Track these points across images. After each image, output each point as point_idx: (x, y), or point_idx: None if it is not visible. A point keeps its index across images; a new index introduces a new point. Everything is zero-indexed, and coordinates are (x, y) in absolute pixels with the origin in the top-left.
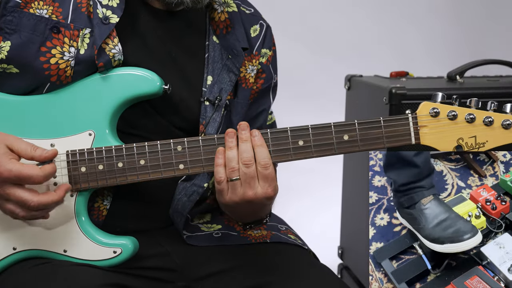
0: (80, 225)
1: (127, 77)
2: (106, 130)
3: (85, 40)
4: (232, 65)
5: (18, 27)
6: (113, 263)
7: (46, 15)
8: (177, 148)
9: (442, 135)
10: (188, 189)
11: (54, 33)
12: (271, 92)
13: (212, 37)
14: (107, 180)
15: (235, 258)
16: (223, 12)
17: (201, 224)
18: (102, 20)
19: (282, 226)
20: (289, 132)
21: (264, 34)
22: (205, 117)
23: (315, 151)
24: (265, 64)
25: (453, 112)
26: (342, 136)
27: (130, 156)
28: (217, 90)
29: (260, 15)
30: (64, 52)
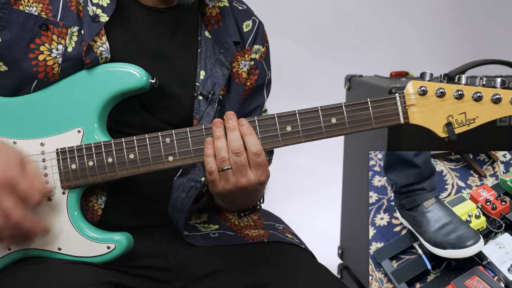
0: (73, 222)
1: (113, 73)
2: (95, 126)
3: (73, 38)
4: (225, 59)
5: (8, 24)
6: (107, 259)
7: (36, 12)
8: (165, 140)
9: (431, 113)
10: (185, 185)
11: (43, 30)
12: (265, 89)
13: (204, 32)
14: (98, 176)
15: (232, 258)
16: (214, 7)
17: (198, 224)
18: (92, 18)
19: (280, 225)
20: (276, 118)
21: (256, 30)
22: (199, 111)
23: (303, 136)
24: (258, 60)
25: (441, 89)
26: (330, 119)
27: (119, 151)
28: (210, 84)
29: (253, 12)
30: (52, 49)
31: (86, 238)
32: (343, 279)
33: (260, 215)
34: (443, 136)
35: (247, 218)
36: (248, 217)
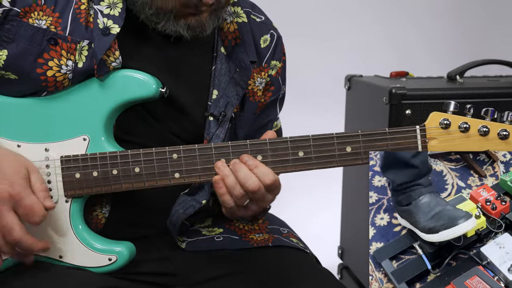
0: (75, 231)
1: (122, 80)
2: (101, 135)
3: (83, 53)
4: (240, 78)
5: (15, 37)
6: (108, 270)
7: (45, 26)
8: (172, 156)
9: (452, 149)
10: (187, 203)
11: (52, 44)
12: (278, 103)
13: (220, 48)
14: (102, 188)
15: (236, 263)
16: (232, 23)
17: (202, 228)
18: (102, 31)
19: (284, 229)
20: (289, 142)
21: (275, 45)
22: (209, 132)
23: (315, 163)
24: (274, 76)
25: (465, 124)
26: (345, 148)
27: (124, 163)
28: (222, 104)
29: (271, 24)
30: (61, 65)
31: (87, 248)
32: (343, 279)
33: (264, 219)
34: None
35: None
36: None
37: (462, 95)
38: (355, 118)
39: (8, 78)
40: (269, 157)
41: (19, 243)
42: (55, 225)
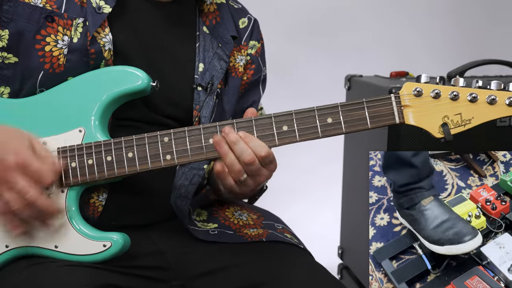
0: (70, 220)
1: (115, 75)
2: (96, 126)
3: (78, 29)
4: (223, 53)
5: (14, 16)
6: (103, 257)
7: (41, 4)
8: (164, 139)
9: (426, 113)
10: (188, 173)
11: (49, 21)
12: (261, 85)
13: (202, 28)
14: (97, 174)
15: (230, 257)
16: (212, 4)
17: (197, 221)
18: (96, 9)
19: (279, 225)
20: (273, 118)
21: (252, 26)
22: (199, 101)
23: (299, 135)
24: (254, 55)
25: (436, 90)
26: (326, 119)
27: (118, 149)
28: (208, 76)
29: (247, 11)
30: (58, 40)
31: (82, 236)
32: (343, 279)
33: (259, 214)
34: (439, 137)
35: (247, 217)
36: (248, 216)
37: None
38: None
39: (8, 63)
40: (255, 133)
41: (36, 204)
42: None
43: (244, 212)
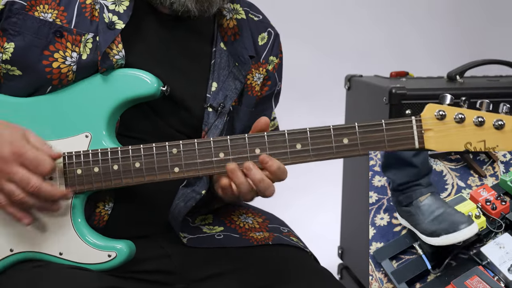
0: (75, 228)
1: (124, 79)
2: (103, 132)
3: (87, 45)
4: (239, 72)
5: (22, 30)
6: (107, 267)
7: (51, 19)
8: (172, 151)
9: (448, 139)
10: (187, 195)
11: (57, 37)
12: (274, 99)
13: (220, 44)
14: (102, 183)
15: (235, 261)
16: (232, 19)
17: (203, 225)
18: (108, 25)
19: (285, 229)
20: (286, 135)
21: (272, 42)
22: (207, 123)
23: (313, 155)
24: (271, 71)
25: (461, 114)
26: (342, 139)
27: (125, 158)
28: (221, 97)
29: (269, 22)
30: (66, 57)
31: (87, 244)
32: (343, 279)
33: (265, 218)
34: None
35: (252, 221)
36: (253, 219)
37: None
38: (355, 118)
39: (12, 74)
40: (267, 150)
41: (40, 190)
42: (55, 221)
43: (249, 215)
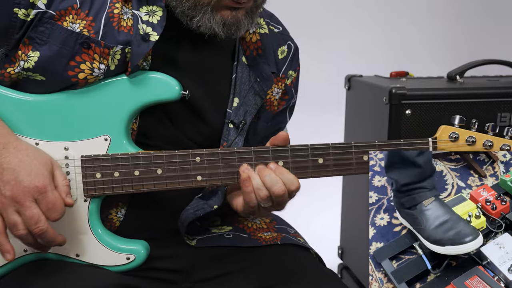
0: (93, 230)
1: (145, 81)
2: (123, 136)
3: (115, 57)
4: (260, 88)
5: (49, 39)
6: (125, 269)
7: (78, 29)
8: (195, 159)
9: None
10: (199, 205)
11: (84, 48)
12: (288, 111)
13: (242, 58)
14: (123, 188)
15: (242, 260)
16: (255, 33)
17: (211, 227)
18: (143, 37)
19: (291, 229)
20: (309, 150)
21: (292, 56)
22: (227, 139)
23: (334, 170)
24: (288, 86)
25: (472, 138)
26: (362, 156)
27: (147, 164)
28: (242, 112)
29: (288, 34)
30: (93, 69)
31: (105, 247)
32: (343, 279)
33: (271, 219)
34: None
35: (260, 221)
36: (260, 219)
37: (462, 95)
38: (355, 118)
39: (34, 79)
40: (290, 163)
41: (43, 235)
42: (73, 223)
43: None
